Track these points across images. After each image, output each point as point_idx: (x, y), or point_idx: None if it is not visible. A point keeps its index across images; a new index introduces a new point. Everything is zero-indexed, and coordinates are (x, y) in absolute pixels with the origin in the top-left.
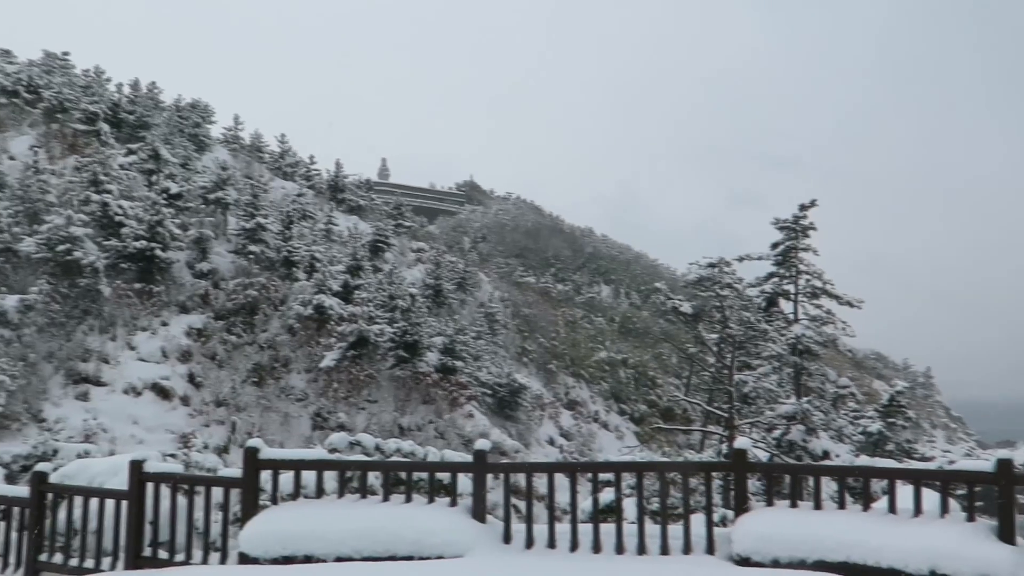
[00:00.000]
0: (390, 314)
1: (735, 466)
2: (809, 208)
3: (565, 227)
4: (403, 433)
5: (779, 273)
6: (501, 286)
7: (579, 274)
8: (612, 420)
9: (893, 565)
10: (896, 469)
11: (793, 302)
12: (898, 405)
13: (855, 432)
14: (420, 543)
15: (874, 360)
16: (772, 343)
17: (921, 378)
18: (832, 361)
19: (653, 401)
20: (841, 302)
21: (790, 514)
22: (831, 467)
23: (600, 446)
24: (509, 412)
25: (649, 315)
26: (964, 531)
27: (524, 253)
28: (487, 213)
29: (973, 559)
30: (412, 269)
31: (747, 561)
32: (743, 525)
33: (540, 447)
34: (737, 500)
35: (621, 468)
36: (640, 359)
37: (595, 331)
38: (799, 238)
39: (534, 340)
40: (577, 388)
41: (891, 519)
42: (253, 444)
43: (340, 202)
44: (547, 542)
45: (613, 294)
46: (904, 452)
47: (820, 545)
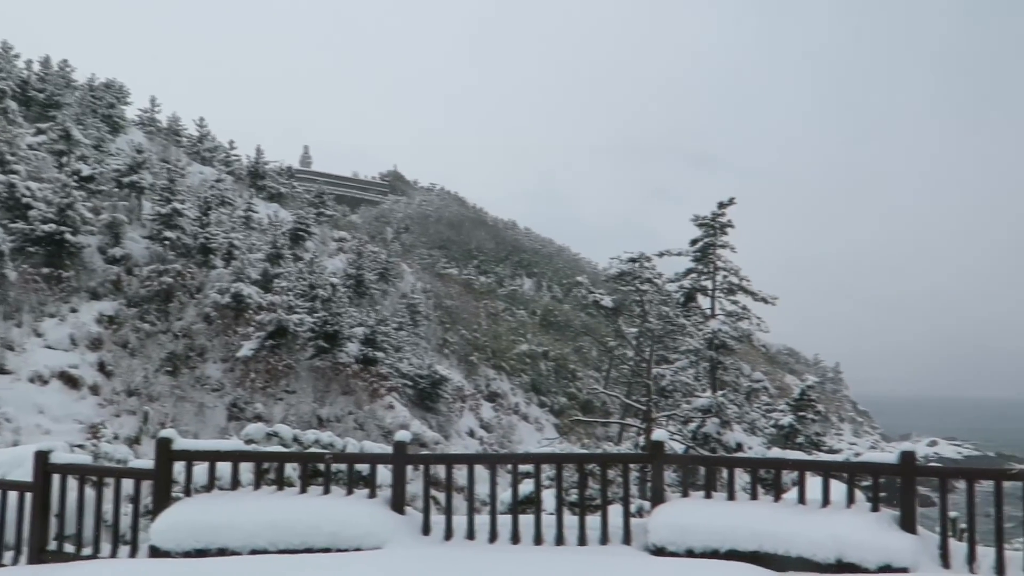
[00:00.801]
0: (310, 304)
1: (652, 458)
2: (728, 206)
3: (489, 219)
4: (322, 424)
5: (698, 269)
6: (424, 277)
7: (502, 267)
8: (532, 412)
9: (802, 554)
10: (806, 461)
11: (711, 298)
12: (808, 399)
13: (767, 425)
14: (338, 535)
15: (787, 356)
16: (690, 338)
17: (831, 374)
18: (747, 356)
19: (573, 394)
20: (756, 299)
21: (704, 505)
22: (744, 459)
23: (520, 438)
24: (430, 404)
25: (570, 308)
26: (869, 521)
27: (447, 245)
28: (411, 204)
29: (877, 548)
30: (334, 258)
31: (662, 551)
32: (659, 516)
33: (460, 439)
34: (654, 491)
35: (540, 460)
36: (561, 352)
37: (517, 324)
38: (718, 235)
39: (456, 332)
40: (498, 380)
41: (801, 509)
42: (166, 435)
43: (260, 189)
44: (466, 533)
45: (535, 287)
46: (813, 445)
47: (733, 535)
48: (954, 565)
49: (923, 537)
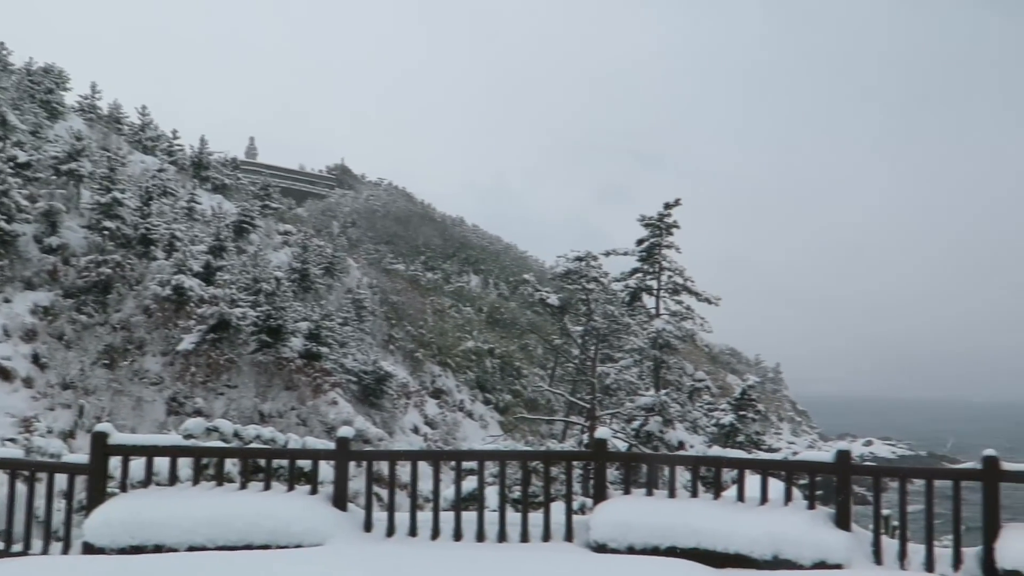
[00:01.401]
0: (253, 297)
1: (595, 456)
2: (674, 207)
3: (436, 215)
4: (264, 420)
5: (643, 269)
6: (370, 272)
7: (449, 263)
8: (477, 409)
9: (740, 550)
10: (745, 459)
11: (656, 297)
12: (749, 399)
13: (709, 423)
14: (278, 532)
15: (729, 355)
16: (634, 337)
17: (771, 374)
18: (690, 355)
19: (518, 391)
20: (700, 299)
21: (646, 502)
22: (686, 457)
23: (465, 435)
24: (374, 400)
25: (517, 306)
26: (805, 518)
27: (394, 240)
28: (358, 198)
29: (813, 544)
30: (278, 252)
31: (604, 548)
32: (601, 513)
33: (405, 435)
34: (596, 489)
35: (484, 457)
36: (507, 349)
37: (463, 320)
38: (663, 235)
39: (402, 328)
40: (443, 377)
41: (739, 507)
42: (102, 429)
43: (204, 180)
44: (408, 530)
45: (482, 284)
46: (753, 443)
47: (673, 532)
48: (886, 562)
49: (857, 534)
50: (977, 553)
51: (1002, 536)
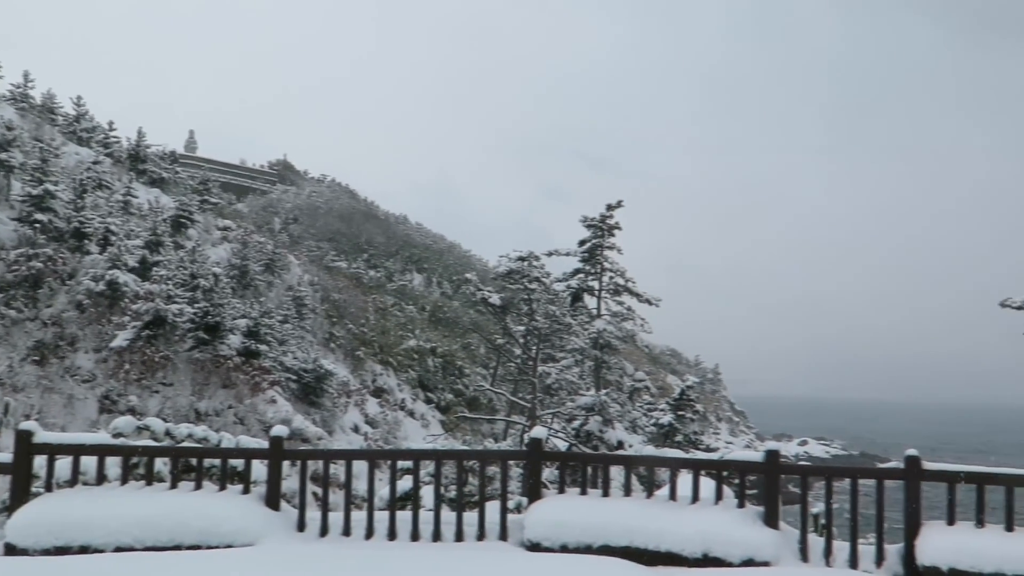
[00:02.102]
0: (191, 293)
1: (531, 455)
2: (616, 208)
3: (380, 213)
4: (200, 418)
5: (585, 270)
6: (311, 270)
7: (392, 261)
8: (419, 408)
9: (671, 549)
10: (677, 459)
11: (597, 298)
12: (688, 399)
13: (648, 423)
14: (208, 532)
15: (669, 356)
16: (576, 337)
17: (710, 374)
18: (631, 356)
19: (460, 390)
20: (641, 300)
21: (580, 501)
22: (620, 456)
23: (406, 434)
24: (314, 398)
25: (460, 305)
26: (735, 516)
27: (337, 237)
28: (300, 194)
29: (741, 542)
30: (217, 248)
31: (538, 546)
32: (535, 512)
33: (345, 434)
34: (531, 488)
35: (419, 456)
36: (449, 348)
37: (405, 319)
38: (605, 237)
39: (343, 326)
40: (385, 376)
41: (672, 506)
42: (26, 426)
43: (141, 173)
44: (342, 530)
45: (425, 283)
46: (691, 443)
47: (606, 531)
48: (812, 559)
49: (785, 532)
50: (899, 550)
51: (922, 533)
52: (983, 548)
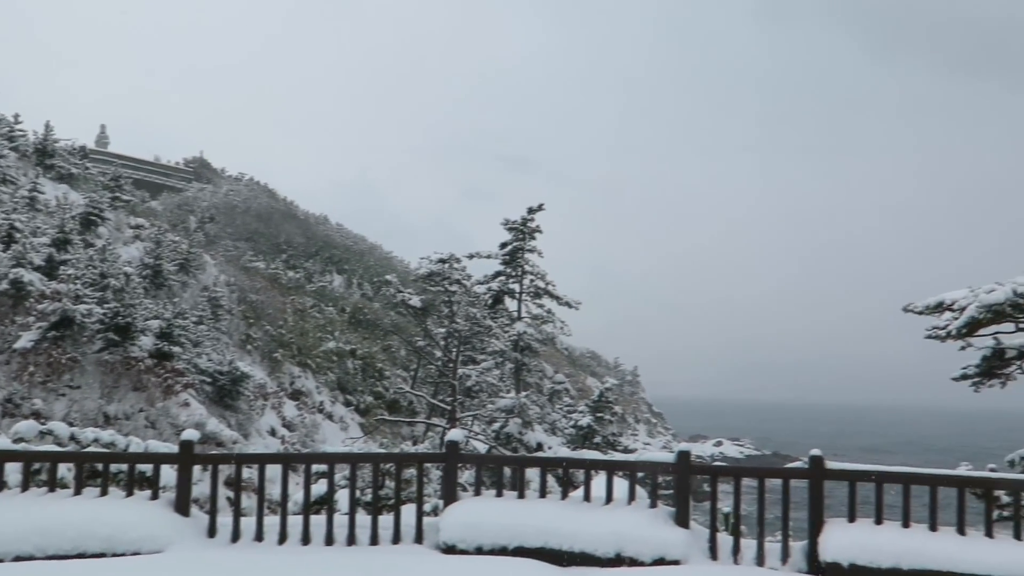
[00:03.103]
0: (101, 293)
1: (447, 457)
2: (537, 212)
3: (299, 213)
4: (109, 422)
5: (506, 272)
6: (228, 270)
7: (311, 262)
8: (337, 411)
9: (584, 549)
10: (591, 460)
11: (518, 300)
12: (606, 401)
13: (567, 425)
14: (114, 539)
15: (589, 358)
16: (496, 339)
17: (629, 376)
18: (551, 358)
19: (380, 393)
20: (561, 303)
21: (495, 503)
22: (535, 458)
23: (324, 437)
24: (229, 401)
25: (380, 307)
26: (647, 516)
27: (255, 237)
28: (217, 193)
29: (653, 542)
30: (129, 246)
31: (453, 549)
32: (450, 514)
33: (261, 438)
34: (447, 490)
35: (335, 459)
36: (369, 350)
37: (325, 320)
38: (526, 240)
39: (260, 327)
40: (303, 378)
41: (586, 507)
42: None
43: (49, 168)
44: (255, 535)
45: (345, 284)
46: (610, 444)
47: (520, 532)
48: (721, 557)
49: (695, 531)
50: (803, 547)
51: (825, 531)
52: (881, 544)
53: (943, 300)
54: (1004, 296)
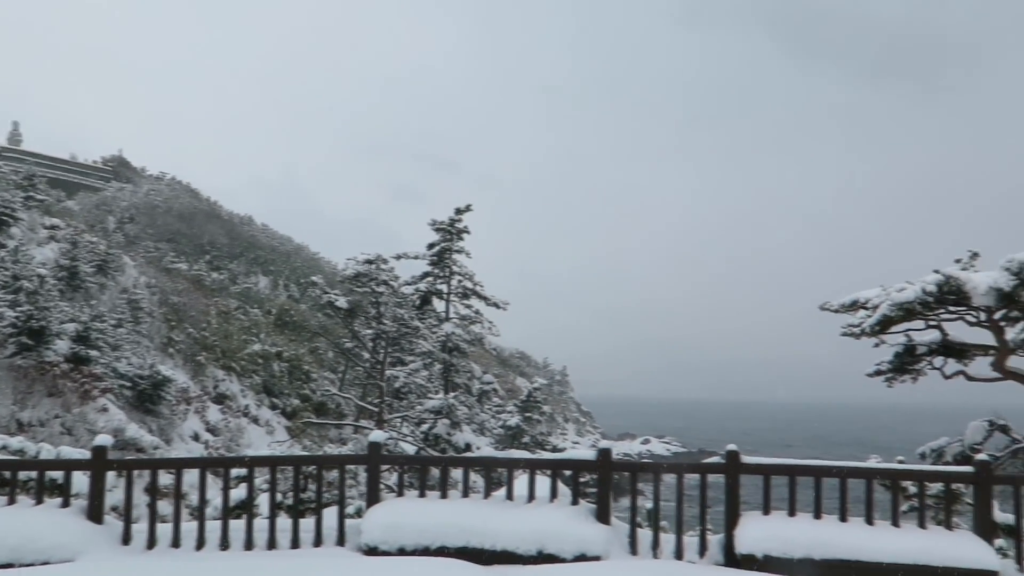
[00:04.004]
0: (13, 296)
1: (369, 459)
2: (465, 212)
3: (223, 213)
4: (23, 429)
5: (434, 273)
6: (149, 271)
7: (236, 263)
8: (263, 415)
9: (507, 547)
10: (514, 459)
11: (446, 301)
12: (535, 401)
13: (496, 425)
14: (22, 548)
15: (518, 359)
16: (424, 340)
17: (558, 376)
18: (480, 359)
19: (307, 395)
20: (489, 303)
21: (417, 504)
22: (459, 458)
23: (249, 441)
24: (150, 406)
25: (307, 308)
26: (569, 514)
27: (177, 238)
28: (137, 192)
29: (574, 538)
30: (44, 247)
31: (375, 550)
32: (372, 516)
33: (184, 443)
34: (369, 492)
35: (255, 463)
36: (296, 353)
37: (250, 323)
38: (454, 240)
39: (183, 330)
40: (227, 381)
41: (508, 505)
42: None
43: None
44: (171, 541)
45: (271, 285)
46: (538, 444)
47: (443, 532)
48: (641, 552)
49: (615, 527)
50: (720, 540)
51: (740, 523)
52: (794, 535)
53: (857, 299)
54: (914, 295)
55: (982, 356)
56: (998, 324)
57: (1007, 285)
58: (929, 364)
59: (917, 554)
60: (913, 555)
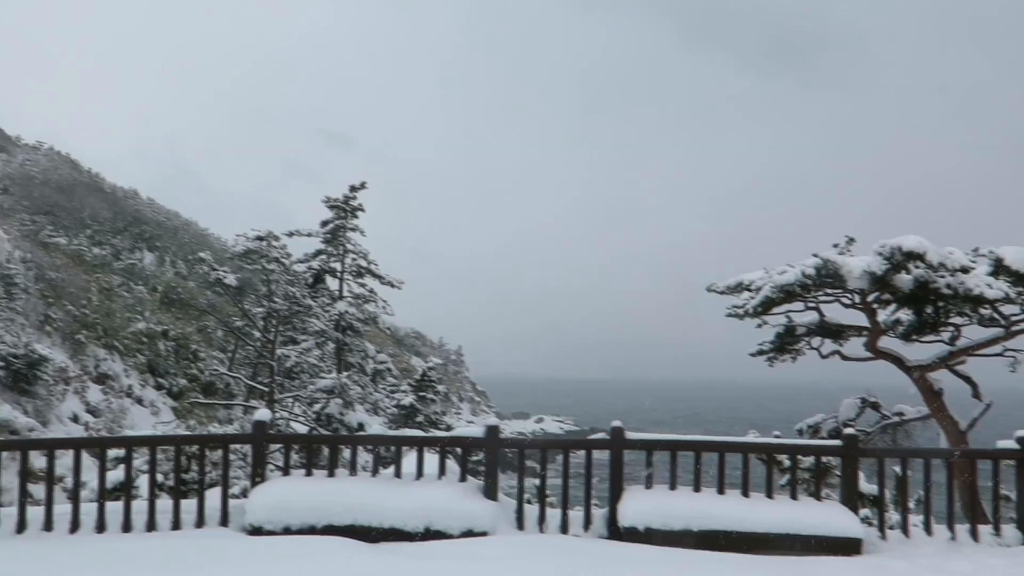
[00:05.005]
0: None
1: (254, 438)
2: (359, 189)
3: (106, 186)
4: None
5: (327, 251)
6: (24, 245)
7: (120, 238)
8: (148, 395)
9: (395, 525)
10: (401, 437)
11: (339, 280)
12: (429, 380)
13: (390, 405)
14: None
15: (414, 338)
16: (317, 319)
17: (454, 356)
18: (375, 338)
19: (195, 375)
20: (384, 282)
21: (304, 482)
22: (345, 437)
23: (133, 423)
24: (26, 386)
25: (195, 286)
26: (456, 490)
27: (55, 211)
28: (11, 162)
29: (461, 515)
30: None
31: (259, 530)
32: (257, 496)
33: (63, 425)
34: (254, 471)
35: (133, 443)
36: (183, 331)
37: (134, 300)
38: (348, 218)
39: (61, 307)
40: (110, 361)
41: (396, 483)
42: None
43: None
44: (43, 524)
45: (157, 262)
46: (432, 423)
47: (329, 510)
48: (527, 526)
49: (503, 503)
50: (604, 514)
51: (623, 497)
52: (674, 508)
53: (742, 281)
54: (794, 277)
55: (856, 336)
56: (871, 306)
57: (879, 269)
58: (808, 344)
59: (787, 524)
60: (784, 525)
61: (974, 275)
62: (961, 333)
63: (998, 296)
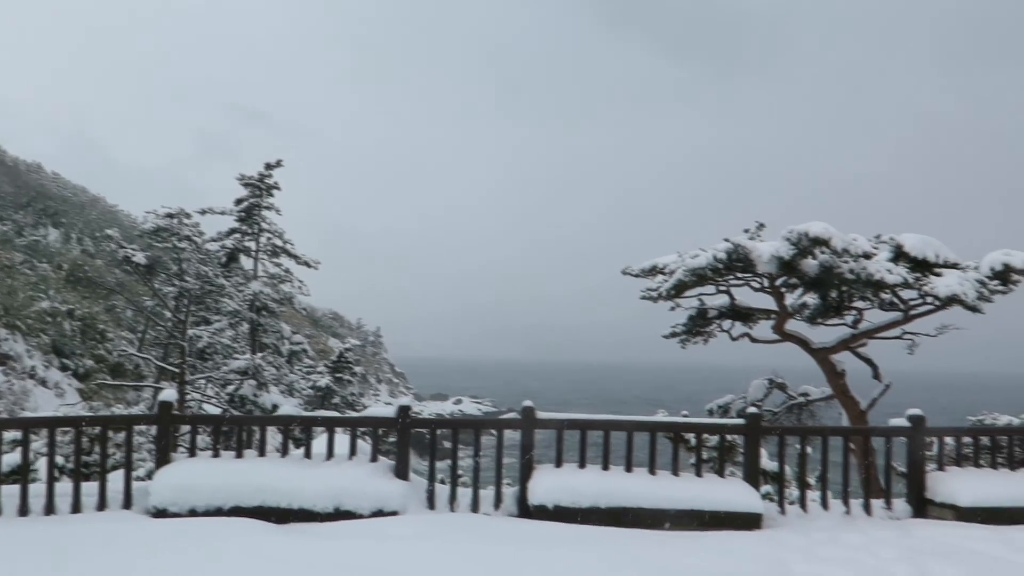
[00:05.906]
0: None
1: (159, 419)
2: (275, 168)
3: (8, 159)
4: None
5: (242, 229)
6: None
7: (22, 214)
8: (52, 376)
9: (303, 505)
10: (311, 417)
11: (254, 259)
12: (346, 362)
13: (306, 386)
14: None
15: (331, 319)
16: (230, 299)
17: (372, 337)
18: (292, 319)
19: (102, 356)
20: (299, 262)
21: (210, 464)
22: (254, 418)
23: (36, 405)
24: None
25: (103, 264)
26: (367, 471)
27: None
28: None
29: (371, 495)
30: None
31: (164, 513)
32: (161, 477)
33: None
34: (159, 453)
35: (29, 424)
36: (90, 311)
37: (37, 278)
38: (263, 196)
39: None
40: (11, 341)
41: (306, 463)
42: None
43: None
44: None
45: (63, 239)
46: (349, 404)
47: (236, 492)
48: (438, 506)
49: (414, 483)
50: (514, 493)
51: (533, 476)
52: (582, 486)
53: (656, 264)
54: (706, 261)
55: (765, 319)
56: (779, 290)
57: (787, 254)
58: (719, 327)
59: (692, 500)
60: (688, 501)
61: (876, 261)
62: (863, 317)
63: (897, 281)
